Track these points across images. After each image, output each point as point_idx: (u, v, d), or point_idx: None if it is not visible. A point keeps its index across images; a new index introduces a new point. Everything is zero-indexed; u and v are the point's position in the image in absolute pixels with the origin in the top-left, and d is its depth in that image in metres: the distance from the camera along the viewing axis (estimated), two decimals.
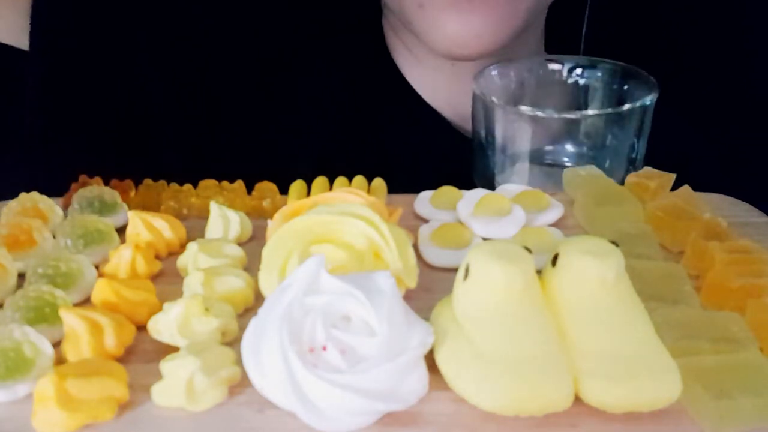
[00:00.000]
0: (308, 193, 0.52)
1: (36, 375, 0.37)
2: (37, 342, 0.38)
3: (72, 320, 0.38)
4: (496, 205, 0.50)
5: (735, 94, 0.73)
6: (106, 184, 0.54)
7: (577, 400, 0.35)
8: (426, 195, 0.54)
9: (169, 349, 0.38)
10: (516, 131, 0.58)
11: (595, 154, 0.60)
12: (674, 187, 0.53)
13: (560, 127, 0.59)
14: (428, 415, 0.35)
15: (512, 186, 0.54)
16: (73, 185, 0.54)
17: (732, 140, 0.72)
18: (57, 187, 0.54)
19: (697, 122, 0.72)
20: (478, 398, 0.35)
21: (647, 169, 0.54)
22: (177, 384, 0.35)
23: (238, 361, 0.37)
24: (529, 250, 0.38)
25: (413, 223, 0.51)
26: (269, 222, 0.47)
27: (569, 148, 0.61)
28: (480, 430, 0.35)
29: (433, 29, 0.59)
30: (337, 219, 0.42)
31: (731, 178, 0.56)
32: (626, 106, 0.55)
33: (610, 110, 0.56)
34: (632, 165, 0.59)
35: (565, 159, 0.61)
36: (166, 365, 0.36)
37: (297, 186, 0.53)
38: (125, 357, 0.39)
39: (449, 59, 0.61)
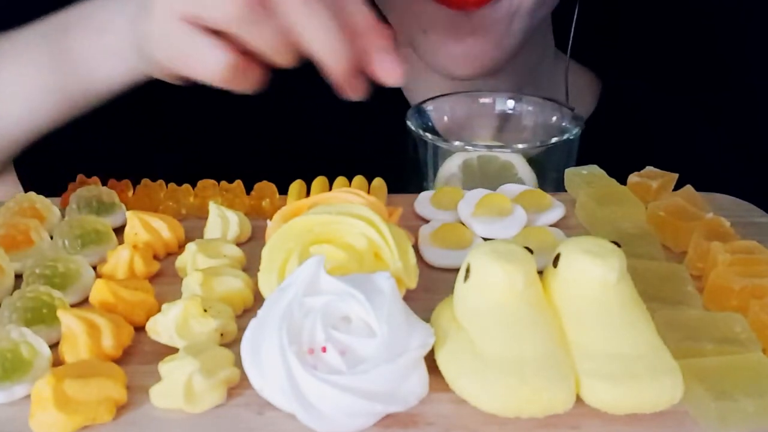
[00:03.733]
0: (308, 193, 0.52)
1: (33, 376, 0.36)
2: (35, 343, 0.38)
3: (70, 321, 0.38)
4: (497, 205, 0.50)
5: (737, 94, 0.73)
6: (104, 183, 0.54)
7: (579, 401, 0.35)
8: (426, 195, 0.54)
9: (168, 351, 0.38)
10: (448, 164, 0.60)
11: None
12: (676, 187, 0.52)
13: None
14: (428, 416, 0.35)
15: (513, 186, 0.54)
16: (71, 185, 0.54)
17: (734, 140, 0.71)
18: (55, 186, 0.53)
19: (699, 122, 0.72)
20: (479, 399, 0.34)
21: (649, 168, 0.54)
22: (175, 385, 0.35)
23: (237, 363, 0.36)
24: (530, 250, 0.38)
25: (413, 223, 0.51)
26: (268, 222, 0.47)
27: None
28: (481, 431, 0.34)
29: (436, 53, 0.63)
30: (337, 219, 0.42)
31: (734, 178, 0.56)
32: (553, 140, 0.58)
33: (538, 143, 0.58)
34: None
35: None
36: (165, 366, 0.36)
37: (296, 186, 0.53)
38: (123, 358, 0.39)
39: (451, 79, 0.64)
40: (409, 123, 0.60)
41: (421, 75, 0.69)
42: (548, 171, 0.58)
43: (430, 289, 0.43)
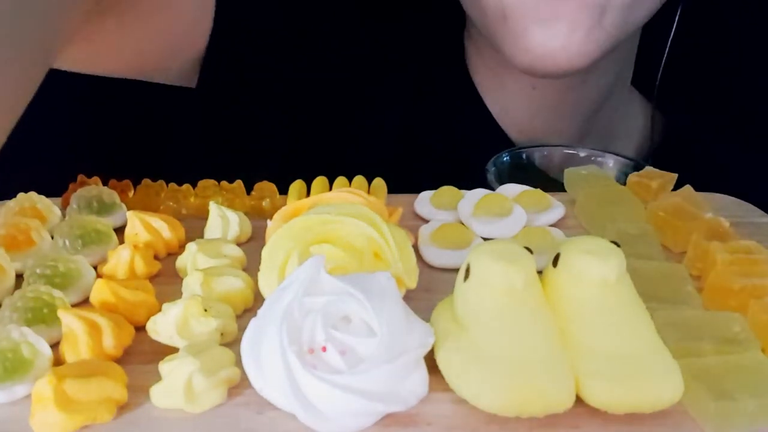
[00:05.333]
0: (308, 193, 0.52)
1: (34, 376, 0.36)
2: (36, 343, 0.38)
3: (70, 321, 0.38)
4: (496, 205, 0.50)
5: (737, 94, 0.73)
6: (105, 183, 0.54)
7: (579, 400, 0.35)
8: (426, 195, 0.54)
9: (168, 350, 0.38)
10: None
11: None
12: (676, 187, 0.52)
13: None
14: (428, 416, 0.35)
15: (513, 186, 0.54)
16: (72, 185, 0.54)
17: (734, 140, 0.71)
18: (55, 186, 0.53)
19: (699, 122, 0.72)
20: (479, 399, 0.34)
21: (649, 168, 0.54)
22: (176, 385, 0.35)
23: (238, 362, 0.36)
24: (530, 250, 0.38)
25: (413, 223, 0.51)
26: (269, 222, 0.47)
27: None
28: (481, 431, 0.34)
29: (517, 42, 0.57)
30: (337, 219, 0.42)
31: (733, 178, 0.55)
32: None
33: None
34: None
35: None
36: (165, 366, 0.36)
37: (297, 186, 0.53)
38: (124, 358, 0.39)
39: (533, 75, 0.59)
40: (488, 177, 0.60)
41: (504, 85, 0.67)
42: None
43: (430, 289, 0.43)
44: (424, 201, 0.53)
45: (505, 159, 0.64)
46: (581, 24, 0.56)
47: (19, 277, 0.45)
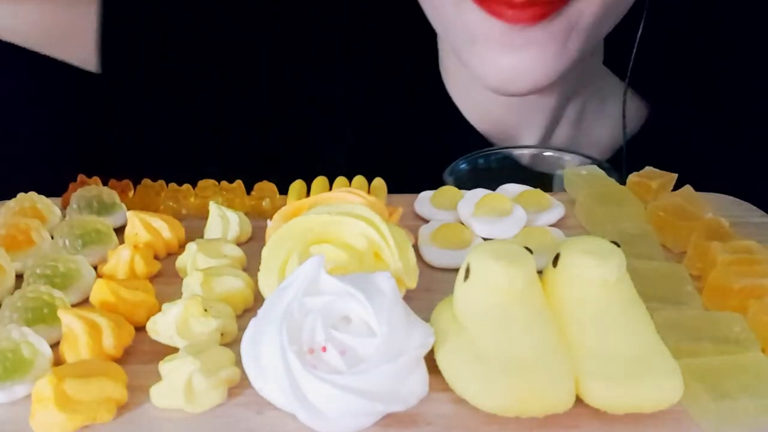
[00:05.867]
0: (308, 193, 0.52)
1: (34, 376, 0.36)
2: (36, 343, 0.38)
3: (70, 321, 0.38)
4: (496, 205, 0.50)
5: (737, 94, 0.73)
6: (105, 183, 0.54)
7: (579, 401, 0.35)
8: (426, 195, 0.54)
9: (168, 350, 0.38)
10: None
11: None
12: (676, 187, 0.52)
13: None
14: (428, 416, 0.35)
15: (513, 186, 0.54)
16: (72, 185, 0.54)
17: (734, 140, 0.71)
18: (55, 186, 0.53)
19: (699, 122, 0.72)
20: (479, 399, 0.34)
21: (649, 168, 0.54)
22: (176, 385, 0.35)
23: (238, 362, 0.36)
24: (530, 250, 0.38)
25: (413, 223, 0.51)
26: (269, 222, 0.47)
27: None
28: (481, 431, 0.34)
29: (484, 65, 0.58)
30: (337, 219, 0.42)
31: (733, 178, 0.55)
32: None
33: None
34: None
35: None
36: (165, 366, 0.36)
37: (297, 186, 0.53)
38: (124, 358, 0.39)
39: (500, 94, 0.60)
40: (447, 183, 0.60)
41: (465, 83, 0.67)
42: None
43: (430, 289, 0.43)
44: (424, 201, 0.53)
45: (462, 166, 0.64)
46: (549, 48, 0.56)
47: (19, 277, 0.45)
